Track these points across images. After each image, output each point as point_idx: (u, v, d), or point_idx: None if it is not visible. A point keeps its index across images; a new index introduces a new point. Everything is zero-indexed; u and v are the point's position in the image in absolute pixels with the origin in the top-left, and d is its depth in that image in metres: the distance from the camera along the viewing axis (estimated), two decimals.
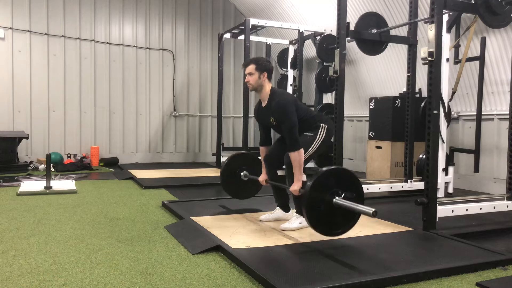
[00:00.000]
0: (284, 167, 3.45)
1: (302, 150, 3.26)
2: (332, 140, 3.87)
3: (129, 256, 2.75)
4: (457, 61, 5.12)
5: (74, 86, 7.87)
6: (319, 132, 3.44)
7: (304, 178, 3.30)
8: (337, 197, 2.84)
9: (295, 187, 3.24)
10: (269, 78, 3.43)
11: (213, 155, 8.07)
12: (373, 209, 2.64)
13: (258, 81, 3.39)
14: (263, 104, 3.48)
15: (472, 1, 3.71)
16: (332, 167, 3.01)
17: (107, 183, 5.78)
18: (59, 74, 7.74)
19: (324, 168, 2.91)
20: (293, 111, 3.28)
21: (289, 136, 3.26)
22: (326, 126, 3.47)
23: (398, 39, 5.35)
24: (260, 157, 3.79)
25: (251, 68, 3.39)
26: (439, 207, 3.44)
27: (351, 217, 2.92)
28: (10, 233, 3.26)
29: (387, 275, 2.40)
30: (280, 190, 3.66)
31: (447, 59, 4.71)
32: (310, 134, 3.43)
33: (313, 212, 2.83)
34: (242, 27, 6.93)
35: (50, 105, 7.69)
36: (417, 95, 5.33)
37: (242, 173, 4.04)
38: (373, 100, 6.01)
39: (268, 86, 3.43)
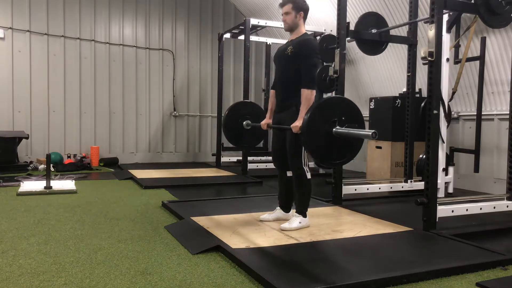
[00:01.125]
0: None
1: (314, 91, 3.24)
2: None
3: (129, 256, 2.75)
4: (457, 61, 5.13)
5: (74, 86, 7.86)
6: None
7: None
8: (337, 126, 2.81)
9: (297, 123, 3.16)
10: (305, 18, 3.43)
11: (213, 155, 8.07)
12: (372, 130, 2.61)
13: (295, 20, 3.40)
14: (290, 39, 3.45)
15: (472, 1, 3.71)
16: (332, 96, 2.99)
17: (107, 183, 5.78)
18: (59, 74, 7.74)
19: (323, 98, 2.89)
20: (317, 55, 3.27)
21: (307, 73, 3.23)
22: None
23: (398, 39, 5.35)
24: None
25: (288, 7, 3.40)
26: (439, 207, 3.44)
27: (352, 147, 2.88)
28: (10, 233, 3.26)
29: (387, 275, 2.40)
30: (286, 189, 3.61)
31: (447, 59, 4.71)
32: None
33: (314, 142, 2.79)
34: (242, 27, 6.93)
35: (50, 105, 7.69)
36: (417, 95, 5.33)
37: (244, 122, 4.00)
38: (373, 100, 6.01)
39: (303, 27, 3.43)
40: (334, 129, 2.80)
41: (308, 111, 2.89)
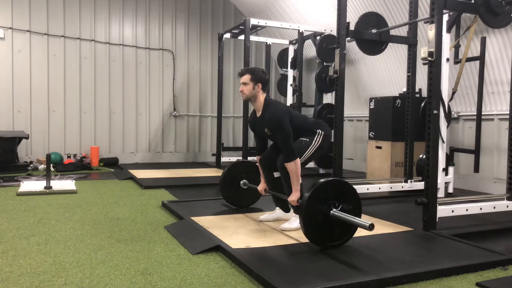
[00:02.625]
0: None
1: (298, 160, 3.25)
2: (332, 140, 3.87)
3: (129, 256, 2.75)
4: (457, 61, 5.12)
5: (74, 86, 7.86)
6: (315, 138, 3.42)
7: (300, 180, 3.30)
8: (334, 209, 2.84)
9: (293, 197, 3.24)
10: (264, 89, 3.41)
11: (213, 155, 8.07)
12: (370, 222, 2.65)
13: (252, 92, 3.38)
14: (258, 115, 3.47)
15: (472, 1, 3.71)
16: (330, 178, 3.01)
17: (107, 183, 5.78)
18: (59, 74, 7.74)
19: (322, 180, 2.92)
20: (287, 122, 3.27)
21: (284, 147, 3.26)
22: (323, 133, 3.44)
23: (398, 39, 5.35)
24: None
25: (246, 78, 3.38)
26: (439, 207, 3.44)
27: (348, 230, 2.93)
28: (10, 233, 3.26)
29: (387, 275, 2.40)
30: (275, 186, 3.63)
31: (447, 59, 4.71)
32: (305, 139, 3.42)
33: (310, 224, 2.83)
34: (242, 27, 6.92)
35: (50, 105, 7.69)
36: (417, 95, 5.33)
37: (241, 182, 4.07)
38: (373, 100, 6.01)
39: (262, 97, 3.41)
40: (331, 212, 2.83)
41: (309, 191, 2.89)
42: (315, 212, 2.84)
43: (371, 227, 2.64)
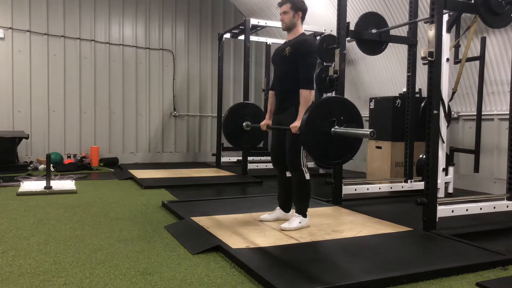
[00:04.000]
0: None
1: (313, 91, 3.25)
2: None
3: (129, 256, 2.75)
4: (457, 61, 5.12)
5: (74, 86, 7.86)
6: None
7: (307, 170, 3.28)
8: (336, 126, 2.82)
9: (296, 123, 3.15)
10: (303, 18, 3.42)
11: (213, 155, 8.07)
12: (371, 130, 2.63)
13: (293, 20, 3.38)
14: (287, 39, 3.46)
15: (472, 1, 3.71)
16: (330, 96, 3.00)
17: (107, 183, 5.78)
18: (59, 74, 7.74)
19: (322, 98, 2.90)
20: (315, 55, 3.28)
21: (305, 73, 3.23)
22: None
23: (398, 39, 5.35)
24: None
25: (286, 7, 3.38)
26: (439, 207, 3.44)
27: (351, 147, 2.89)
28: (10, 233, 3.26)
29: (387, 275, 2.40)
30: (285, 188, 3.62)
31: (447, 59, 4.71)
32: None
33: (313, 142, 2.79)
34: (242, 27, 6.92)
35: (50, 105, 7.69)
36: (417, 95, 5.33)
37: (244, 123, 4.01)
38: (373, 100, 6.01)
39: (300, 27, 3.41)
40: (332, 129, 2.80)
41: (307, 110, 2.90)
42: (317, 130, 2.80)
43: (372, 134, 2.61)
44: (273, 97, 3.62)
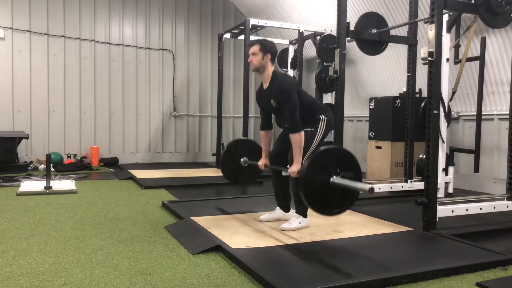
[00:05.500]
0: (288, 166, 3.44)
1: (303, 133, 3.25)
2: (332, 140, 3.88)
3: (129, 256, 2.75)
4: (457, 61, 5.12)
5: (74, 86, 7.86)
6: (319, 126, 3.42)
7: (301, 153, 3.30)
8: (334, 176, 2.82)
9: (294, 168, 3.20)
10: (272, 60, 3.43)
11: (213, 155, 8.07)
12: (370, 185, 2.63)
13: (261, 62, 3.39)
14: (265, 87, 3.47)
15: (472, 1, 3.71)
16: (330, 146, 3.01)
17: (107, 183, 5.78)
18: (59, 74, 7.74)
19: (322, 147, 2.90)
20: (294, 93, 3.27)
21: (290, 118, 3.25)
22: (326, 118, 3.45)
23: (398, 39, 5.35)
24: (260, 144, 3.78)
25: (255, 48, 3.40)
26: (439, 207, 3.43)
27: (349, 197, 2.89)
28: (10, 233, 3.27)
29: (387, 275, 2.40)
30: (283, 190, 3.64)
31: (447, 59, 4.71)
32: (310, 129, 3.40)
33: (311, 191, 2.80)
34: (242, 27, 6.92)
35: (50, 105, 7.69)
36: (417, 95, 5.33)
37: (242, 159, 4.03)
38: (373, 100, 6.01)
39: (270, 68, 3.42)
40: (331, 179, 2.82)
41: (307, 160, 2.90)
42: (315, 179, 2.80)
43: (371, 190, 2.62)
44: (266, 137, 3.68)
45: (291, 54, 7.92)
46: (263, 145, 3.70)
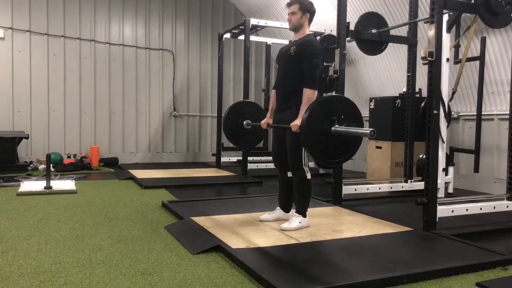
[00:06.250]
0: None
1: (316, 92, 3.24)
2: None
3: (129, 256, 2.75)
4: (457, 61, 5.13)
5: (74, 86, 7.86)
6: None
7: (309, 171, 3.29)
8: (336, 125, 2.82)
9: (297, 121, 3.15)
10: (310, 20, 3.44)
11: (213, 155, 8.06)
12: (371, 129, 2.63)
13: (300, 21, 3.40)
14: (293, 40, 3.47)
15: (472, 1, 3.71)
16: (330, 95, 3.00)
17: (107, 183, 5.78)
18: (59, 74, 7.74)
19: (324, 96, 2.90)
20: (319, 56, 3.29)
21: (310, 73, 3.24)
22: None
23: (398, 39, 5.35)
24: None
25: (294, 7, 3.40)
26: (439, 207, 3.44)
27: (351, 145, 2.89)
28: (10, 233, 3.26)
29: (387, 275, 2.40)
30: (287, 193, 3.61)
31: (447, 59, 4.71)
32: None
33: (312, 141, 2.79)
34: (242, 27, 6.92)
35: (50, 105, 7.69)
36: (417, 95, 5.33)
37: (244, 122, 4.02)
38: (373, 100, 6.01)
39: (307, 29, 3.44)
40: (333, 128, 2.80)
41: (307, 109, 2.90)
42: (317, 128, 2.79)
43: (372, 133, 2.61)
44: (275, 96, 3.63)
45: None
46: (271, 104, 3.67)
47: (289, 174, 3.53)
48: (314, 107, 2.84)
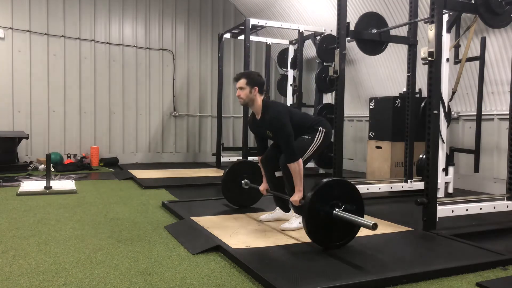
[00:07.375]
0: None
1: (300, 161, 3.25)
2: (332, 140, 3.87)
3: (129, 256, 2.75)
4: (457, 61, 5.12)
5: (74, 86, 7.86)
6: (316, 135, 3.43)
7: (302, 180, 3.29)
8: (337, 209, 2.84)
9: (296, 197, 3.23)
10: (261, 92, 3.40)
11: (213, 155, 8.07)
12: (373, 222, 2.65)
13: (249, 96, 3.37)
14: (258, 117, 3.46)
15: (472, 1, 3.71)
16: (333, 178, 3.02)
17: (107, 183, 5.78)
18: (59, 74, 7.74)
19: (325, 180, 2.91)
20: (287, 122, 3.27)
21: (286, 147, 3.25)
22: (324, 130, 3.45)
23: (398, 39, 5.35)
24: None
25: (242, 82, 3.37)
26: (439, 207, 3.44)
27: (351, 230, 2.92)
28: (10, 233, 3.26)
29: (387, 275, 2.40)
30: (277, 187, 3.63)
31: (447, 59, 4.71)
32: (307, 137, 3.42)
33: (313, 224, 2.83)
34: (242, 27, 6.92)
35: (50, 105, 7.69)
36: (417, 95, 5.33)
37: (243, 181, 4.07)
38: (373, 100, 6.01)
39: (259, 100, 3.40)
40: (334, 212, 2.83)
41: (311, 190, 2.89)
42: (318, 211, 2.83)
43: (374, 226, 2.63)
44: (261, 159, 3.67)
45: (291, 54, 7.92)
46: (262, 171, 3.69)
47: (278, 174, 3.54)
48: (317, 190, 2.86)
